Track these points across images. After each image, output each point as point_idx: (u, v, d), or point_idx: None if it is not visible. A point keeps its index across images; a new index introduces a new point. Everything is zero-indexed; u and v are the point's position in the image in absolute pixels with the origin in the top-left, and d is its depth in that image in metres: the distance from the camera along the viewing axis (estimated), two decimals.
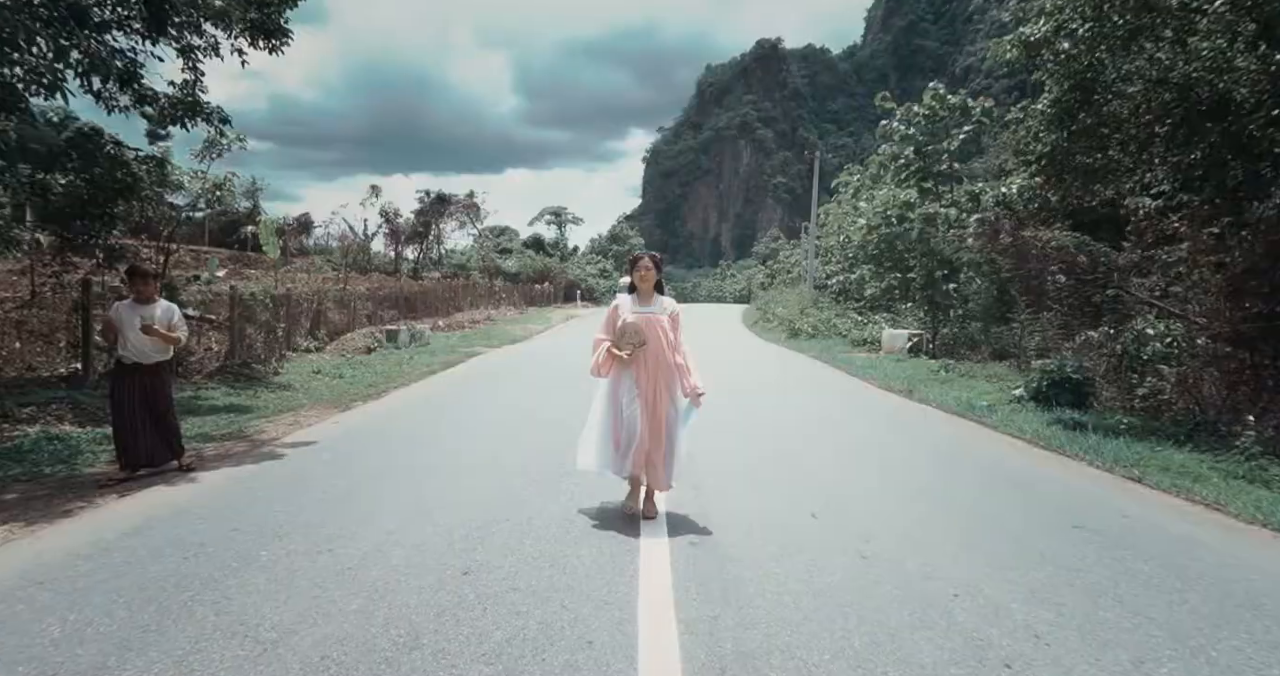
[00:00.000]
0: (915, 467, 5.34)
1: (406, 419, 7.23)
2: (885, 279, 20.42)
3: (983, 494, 4.59)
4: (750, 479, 4.93)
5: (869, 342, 16.20)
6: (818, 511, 4.16)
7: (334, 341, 15.58)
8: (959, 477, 5.02)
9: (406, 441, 6.05)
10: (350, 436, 6.27)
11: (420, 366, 11.62)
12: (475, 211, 38.80)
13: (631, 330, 3.97)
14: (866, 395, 9.42)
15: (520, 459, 5.44)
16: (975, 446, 6.13)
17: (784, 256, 57.22)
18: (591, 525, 3.88)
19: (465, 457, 5.46)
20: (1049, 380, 8.25)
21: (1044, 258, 12.69)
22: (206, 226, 31.36)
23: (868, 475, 5.08)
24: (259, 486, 4.54)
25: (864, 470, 5.23)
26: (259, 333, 13.02)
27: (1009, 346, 11.90)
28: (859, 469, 5.27)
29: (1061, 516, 4.10)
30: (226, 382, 8.90)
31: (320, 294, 15.34)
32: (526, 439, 6.20)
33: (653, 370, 3.99)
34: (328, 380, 10.00)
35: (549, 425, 6.75)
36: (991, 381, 9.99)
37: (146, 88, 8.86)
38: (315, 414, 7.42)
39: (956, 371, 10.96)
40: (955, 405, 8.00)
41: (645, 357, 3.98)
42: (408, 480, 4.76)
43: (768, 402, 8.54)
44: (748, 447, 5.95)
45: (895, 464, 5.45)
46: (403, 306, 21.42)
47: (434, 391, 9.28)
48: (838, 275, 26.00)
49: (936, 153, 17.05)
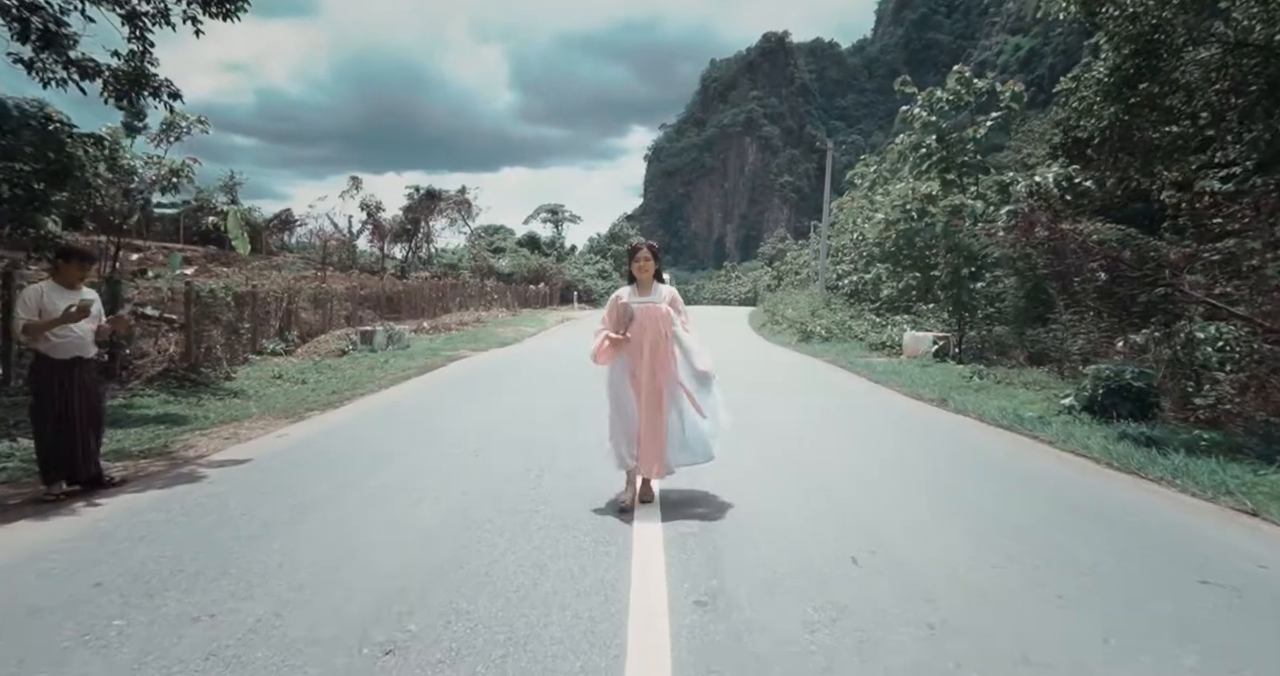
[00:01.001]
0: (969, 494, 4.55)
1: (364, 431, 6.45)
2: (903, 278, 19.67)
3: (1064, 532, 3.80)
4: (768, 506, 4.14)
5: (888, 346, 15.42)
6: (859, 555, 3.37)
7: (306, 343, 14.84)
8: (1028, 508, 4.23)
9: (357, 459, 5.28)
10: (293, 452, 5.49)
11: (394, 371, 10.85)
12: (467, 208, 38.13)
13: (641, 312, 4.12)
14: (895, 404, 8.63)
15: (490, 482, 4.66)
16: (1036, 467, 5.33)
17: (791, 257, 56.54)
18: (569, 574, 3.10)
19: (423, 480, 4.68)
20: (1105, 388, 7.46)
21: (1085, 253, 11.95)
22: (182, 223, 30.66)
23: (914, 504, 4.30)
24: (156, 521, 3.75)
25: (909, 497, 4.44)
26: (221, 333, 12.29)
27: (1048, 350, 11.10)
28: (903, 495, 4.48)
29: (1177, 566, 3.31)
30: (169, 389, 8.13)
31: (291, 292, 14.58)
32: (500, 458, 5.42)
33: (649, 359, 4.14)
34: (288, 386, 9.24)
35: (528, 441, 5.98)
36: (1033, 389, 9.20)
37: (88, 59, 8.16)
38: (261, 425, 6.65)
39: (991, 377, 10.17)
40: (999, 416, 7.21)
41: (643, 346, 4.14)
42: (345, 510, 3.98)
43: (784, 415, 7.76)
44: (765, 468, 5.17)
45: (944, 489, 4.66)
46: (384, 307, 20.69)
47: (403, 399, 8.51)
48: (850, 275, 25.26)
49: (961, 141, 16.28)
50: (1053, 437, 6.20)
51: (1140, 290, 11.56)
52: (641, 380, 4.14)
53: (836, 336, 18.23)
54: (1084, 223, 12.63)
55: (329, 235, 25.70)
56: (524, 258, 40.55)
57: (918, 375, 10.77)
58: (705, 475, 4.72)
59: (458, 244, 42.19)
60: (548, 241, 47.95)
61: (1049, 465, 5.35)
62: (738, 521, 3.91)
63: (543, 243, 47.05)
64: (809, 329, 19.28)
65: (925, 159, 17.09)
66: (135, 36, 8.16)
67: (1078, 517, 4.06)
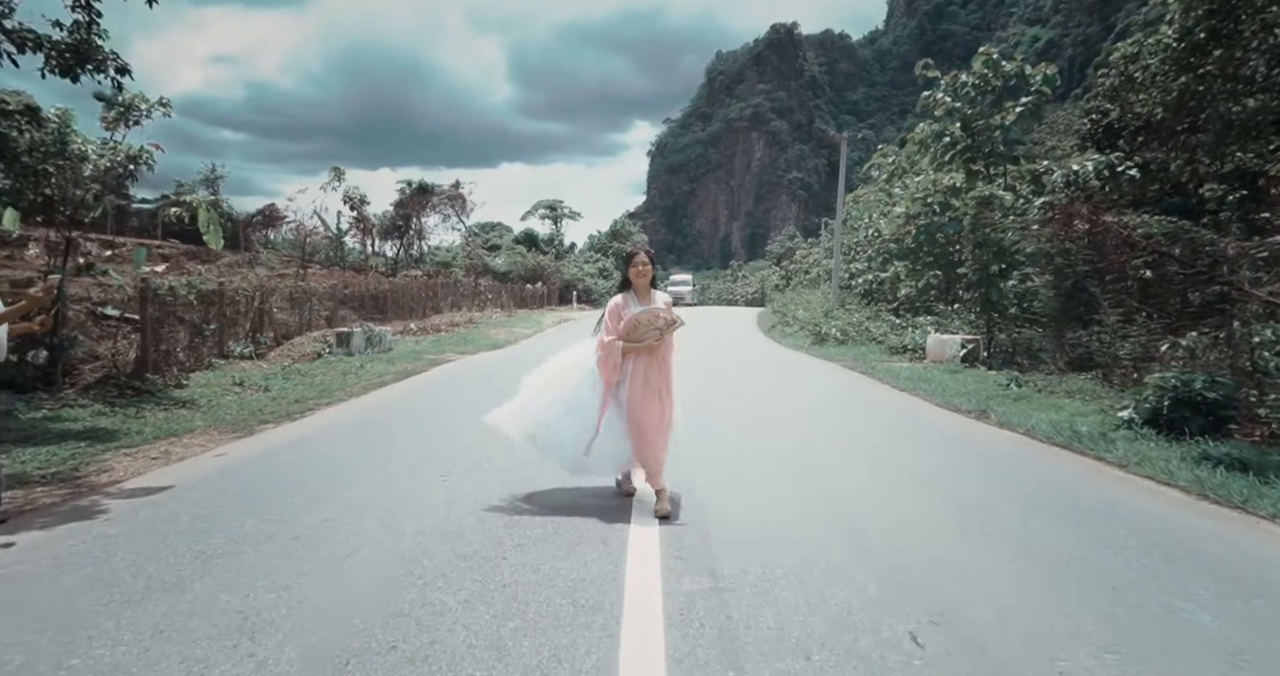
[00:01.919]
0: (1041, 536, 3.81)
1: (318, 449, 5.74)
2: (923, 277, 18.93)
3: (1186, 599, 3.05)
4: (795, 555, 3.41)
5: (910, 350, 14.66)
6: (919, 630, 2.64)
7: (281, 346, 14.18)
8: (1124, 561, 3.47)
9: (301, 485, 4.56)
10: (226, 477, 4.77)
11: (370, 377, 10.14)
12: (461, 204, 37.43)
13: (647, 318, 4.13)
14: (928, 417, 7.89)
15: (453, 516, 3.94)
16: (1116, 498, 4.58)
17: (801, 255, 55.83)
18: (538, 661, 2.37)
19: (372, 515, 3.95)
20: (1171, 399, 6.70)
21: (1129, 247, 11.19)
22: (161, 219, 30.01)
23: (975, 551, 3.56)
24: (4, 577, 3.03)
25: (967, 542, 3.70)
26: (184, 335, 11.63)
27: (1092, 354, 10.34)
28: (960, 540, 3.73)
29: None
30: (106, 398, 7.42)
31: (264, 291, 13.89)
32: (470, 483, 4.70)
33: (645, 369, 4.20)
34: (247, 394, 8.54)
35: (506, 462, 5.26)
36: (1080, 399, 8.44)
37: (26, 30, 7.52)
38: (202, 441, 5.94)
39: (1030, 385, 9.42)
40: (1052, 432, 6.46)
41: (640, 356, 4.20)
42: (261, 561, 3.26)
43: (806, 433, 7.02)
44: (789, 505, 4.44)
45: (1007, 529, 3.91)
46: (369, 307, 20.01)
47: (372, 410, 7.80)
48: (865, 274, 24.52)
49: (989, 128, 15.52)
50: (1122, 459, 5.44)
51: (1192, 288, 10.82)
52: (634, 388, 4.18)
53: (853, 339, 17.48)
54: (1129, 215, 11.90)
55: (309, 230, 24.93)
56: (520, 255, 39.85)
57: (948, 382, 10.03)
58: (710, 515, 4.01)
59: (452, 241, 41.55)
60: (546, 239, 47.21)
61: (1130, 497, 4.59)
62: (762, 586, 3.17)
63: (541, 240, 46.32)
64: (823, 331, 18.54)
65: (949, 148, 16.34)
66: (80, 5, 7.56)
67: (1187, 571, 3.32)
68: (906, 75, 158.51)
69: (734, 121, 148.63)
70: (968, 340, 12.65)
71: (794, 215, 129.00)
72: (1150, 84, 7.08)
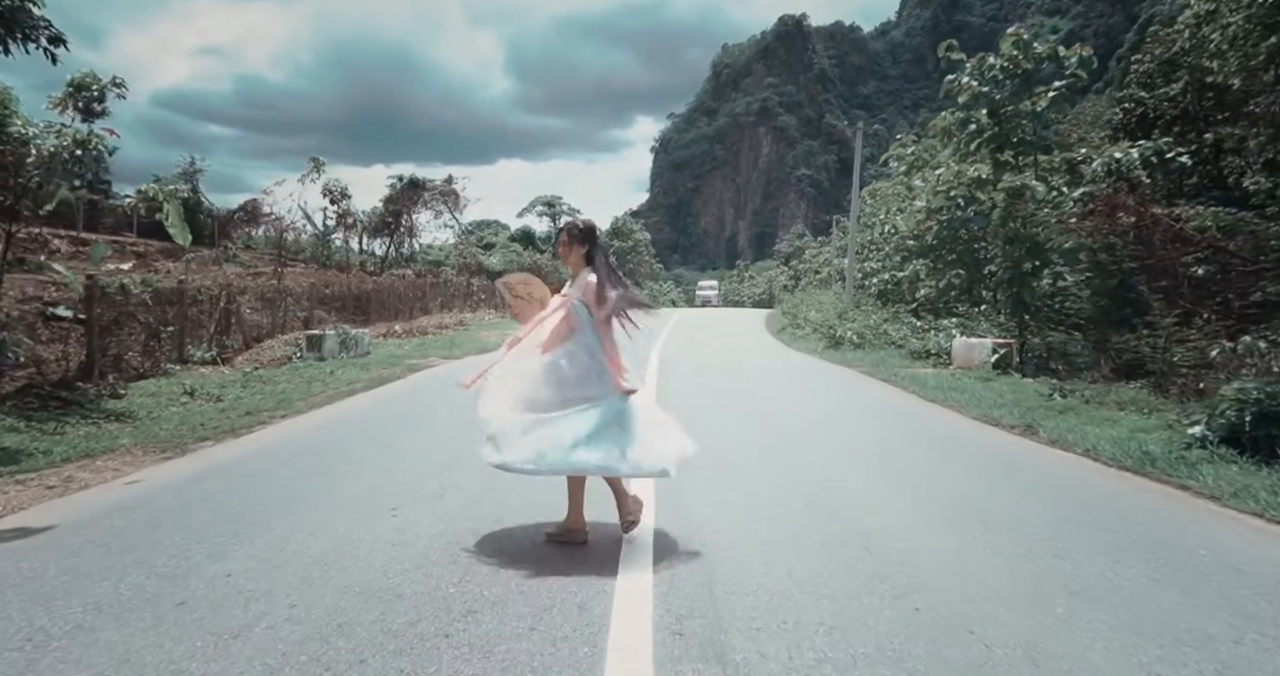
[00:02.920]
0: (1155, 605, 3.06)
1: (255, 472, 5.02)
2: (945, 276, 18.18)
3: None
4: (831, 631, 2.68)
5: (933, 355, 13.91)
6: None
7: (250, 349, 13.50)
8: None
9: (215, 523, 3.84)
10: (126, 514, 4.05)
11: (338, 385, 9.44)
12: (454, 199, 36.74)
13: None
14: (966, 433, 7.14)
15: (392, 571, 3.22)
16: (1220, 544, 3.80)
17: (810, 255, 55.18)
18: None
19: (285, 572, 3.22)
20: (1254, 413, 5.94)
21: (1180, 242, 10.45)
22: (136, 216, 29.35)
23: (1082, 635, 2.82)
24: None
25: (1071, 626, 2.96)
26: (138, 338, 10.96)
27: (1142, 360, 9.59)
28: (1061, 622, 2.99)
29: None
30: (24, 410, 6.71)
31: (231, 289, 13.20)
32: (424, 520, 3.98)
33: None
34: (196, 405, 7.84)
35: (474, 489, 4.54)
36: (1135, 412, 7.69)
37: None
38: (120, 464, 5.23)
39: (1076, 396, 8.66)
40: (1117, 453, 5.71)
41: None
42: (115, 641, 2.53)
43: (828, 454, 6.30)
44: (817, 558, 3.71)
45: (1114, 598, 3.17)
46: (352, 308, 19.35)
47: (332, 424, 7.08)
48: (880, 273, 23.78)
49: (1018, 115, 14.76)
50: (1212, 489, 4.69)
51: (1254, 286, 10.06)
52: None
53: (870, 342, 16.73)
54: (1182, 206, 11.16)
55: (287, 225, 24.26)
56: (516, 254, 39.15)
57: (981, 392, 9.28)
58: (718, 569, 3.28)
59: (445, 240, 40.90)
60: (544, 237, 46.50)
61: (1246, 542, 3.83)
62: (780, 643, 2.44)
63: (538, 238, 45.63)
64: (838, 333, 17.79)
65: (974, 136, 15.58)
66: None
67: None
68: (920, 68, 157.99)
69: (740, 116, 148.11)
70: (1000, 344, 11.89)
71: (803, 213, 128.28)
72: (1230, 47, 6.33)
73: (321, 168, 23.61)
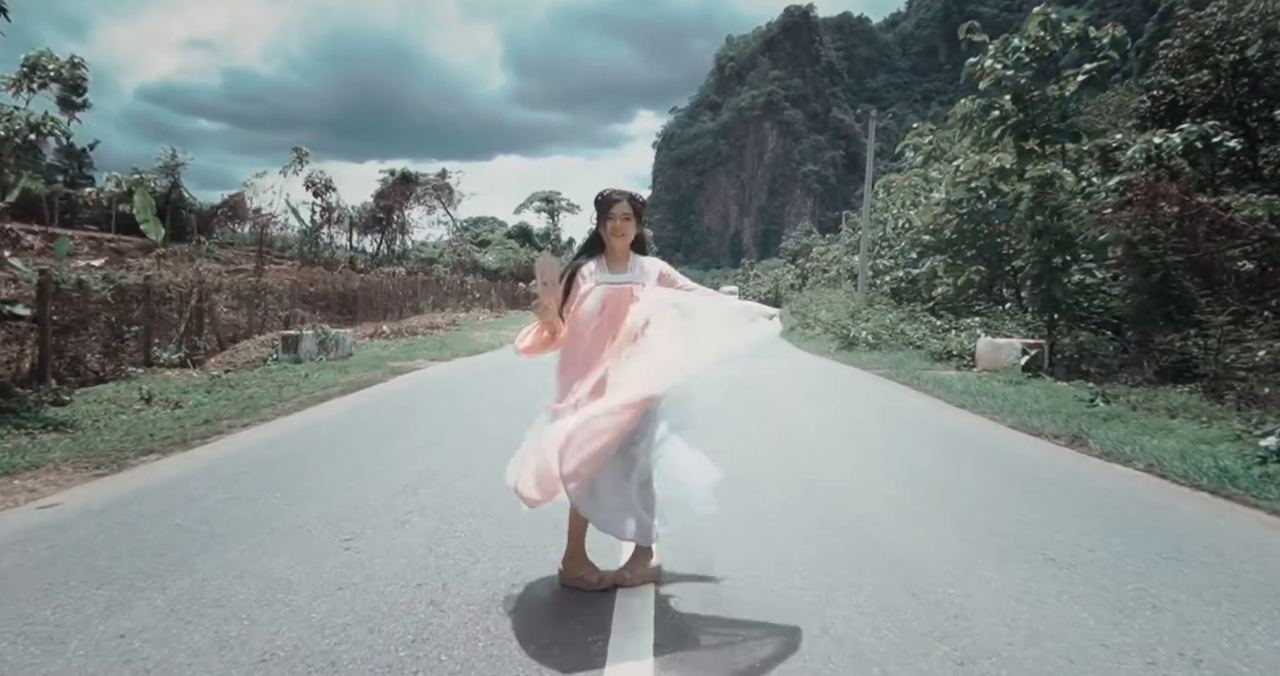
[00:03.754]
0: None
1: (193, 495, 4.44)
2: (964, 273, 17.60)
3: None
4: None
5: (955, 356, 13.35)
6: None
7: (225, 351, 12.97)
8: None
9: (122, 561, 3.28)
10: (21, 550, 3.48)
11: (312, 389, 8.88)
12: (448, 194, 36.26)
13: (616, 298, 2.90)
14: (1007, 445, 6.55)
15: (327, 628, 2.64)
16: None
17: (818, 253, 54.70)
18: None
19: (194, 631, 2.65)
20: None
21: (1229, 233, 9.85)
22: (115, 212, 28.82)
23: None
24: None
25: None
26: (99, 338, 10.44)
27: (1190, 362, 9.00)
28: None
29: None
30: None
31: (204, 287, 12.65)
32: (380, 555, 3.40)
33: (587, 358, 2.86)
34: (151, 412, 7.30)
35: (440, 518, 3.97)
36: (1191, 420, 7.10)
37: None
38: (42, 482, 4.68)
39: (1121, 402, 8.08)
40: (1188, 469, 5.12)
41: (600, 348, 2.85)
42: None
43: (850, 466, 5.75)
44: (846, 594, 3.15)
45: (1229, 661, 2.59)
46: (337, 307, 18.81)
47: (297, 434, 6.52)
48: (893, 270, 23.23)
49: (1045, 100, 14.15)
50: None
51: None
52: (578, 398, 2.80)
53: (886, 343, 16.17)
54: (1230, 194, 10.57)
55: (267, 219, 23.71)
56: (513, 251, 38.63)
57: (1014, 397, 8.70)
58: (738, 622, 2.72)
59: (439, 237, 40.38)
60: (541, 234, 45.99)
61: None
62: None
63: (536, 235, 45.11)
64: (851, 334, 17.22)
65: (997, 123, 14.97)
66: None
67: None
68: (930, 61, 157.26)
69: (745, 111, 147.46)
70: (1030, 345, 11.30)
71: (809, 210, 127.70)
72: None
73: (305, 158, 23.05)
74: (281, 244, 30.70)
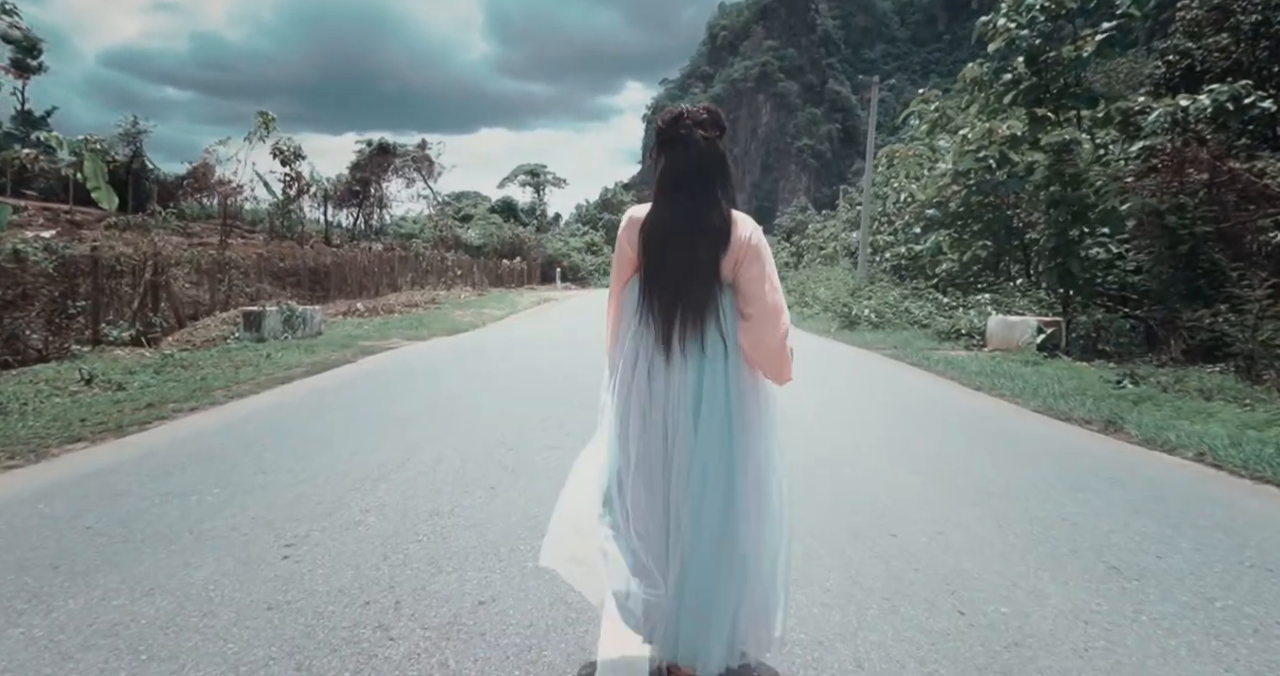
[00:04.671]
0: None
1: (116, 490, 3.94)
2: (970, 248, 17.14)
3: None
4: None
5: (964, 335, 12.93)
6: None
7: (184, 328, 12.40)
8: None
9: (6, 578, 2.78)
10: None
11: (272, 370, 8.35)
12: (428, 166, 35.39)
13: None
14: (1034, 431, 6.13)
15: (246, 659, 2.17)
16: None
17: (814, 230, 54.16)
18: None
19: (81, 665, 2.17)
20: None
21: (1263, 200, 9.43)
22: (72, 182, 27.85)
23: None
24: None
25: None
26: (39, 314, 9.88)
27: (1222, 340, 8.61)
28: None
29: None
30: None
31: (160, 259, 12.02)
32: (322, 567, 2.92)
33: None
34: (89, 395, 6.76)
35: (402, 524, 3.50)
36: (1229, 402, 6.71)
37: None
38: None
39: (1150, 383, 7.68)
40: (1237, 456, 4.72)
41: None
42: None
43: (868, 456, 5.32)
44: (877, 612, 2.71)
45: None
46: (309, 283, 18.19)
47: (250, 418, 6.00)
48: (894, 246, 22.75)
49: (1060, 62, 13.62)
50: None
51: None
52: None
53: (890, 322, 15.75)
54: (1266, 159, 10.12)
55: (232, 188, 22.91)
56: (496, 226, 37.88)
57: (1033, 379, 8.29)
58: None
59: (420, 211, 39.53)
60: (526, 208, 45.16)
61: None
62: None
63: (521, 210, 44.30)
64: (853, 312, 16.78)
65: (1010, 88, 14.44)
66: None
67: None
68: (930, 30, 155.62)
69: (738, 82, 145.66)
70: (1047, 323, 10.88)
71: (804, 186, 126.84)
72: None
73: (271, 125, 22.16)
74: (252, 217, 29.88)
